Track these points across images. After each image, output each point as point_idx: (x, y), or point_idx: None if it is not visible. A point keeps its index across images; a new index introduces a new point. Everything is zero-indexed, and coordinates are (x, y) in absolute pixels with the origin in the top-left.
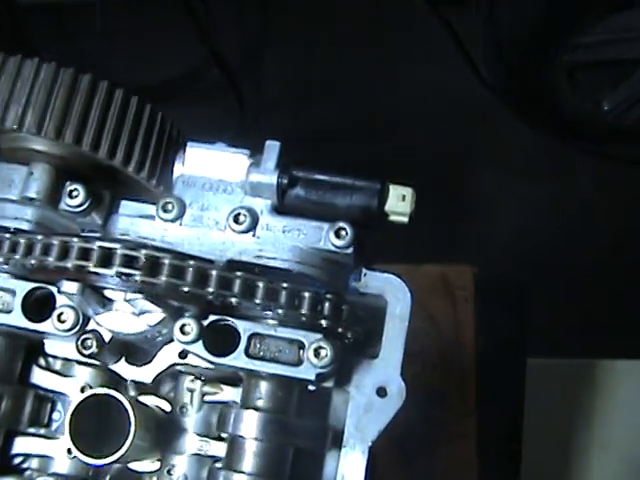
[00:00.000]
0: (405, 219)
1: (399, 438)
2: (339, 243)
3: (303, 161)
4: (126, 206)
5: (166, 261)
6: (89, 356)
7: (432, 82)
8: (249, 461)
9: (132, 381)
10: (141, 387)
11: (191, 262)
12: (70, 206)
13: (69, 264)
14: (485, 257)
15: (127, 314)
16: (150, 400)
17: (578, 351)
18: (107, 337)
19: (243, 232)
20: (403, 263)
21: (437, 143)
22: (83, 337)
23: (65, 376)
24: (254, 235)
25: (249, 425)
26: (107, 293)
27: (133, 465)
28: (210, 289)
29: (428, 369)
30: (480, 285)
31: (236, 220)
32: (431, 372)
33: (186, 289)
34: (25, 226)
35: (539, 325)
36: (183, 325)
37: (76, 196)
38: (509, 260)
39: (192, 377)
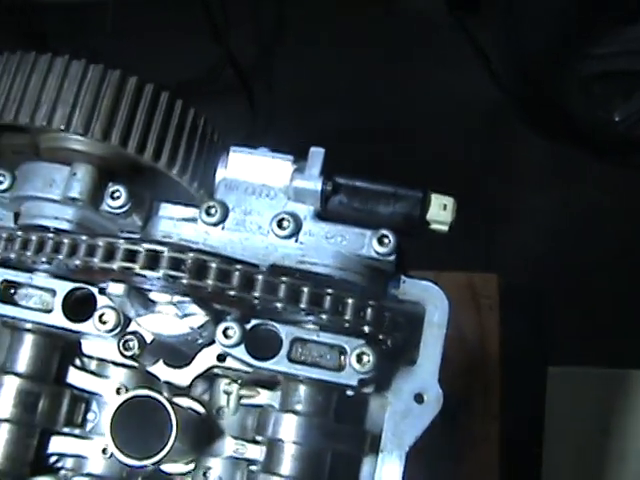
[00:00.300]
0: (445, 228)
1: (423, 441)
2: (382, 250)
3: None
4: (165, 208)
5: (213, 265)
6: (130, 357)
7: (447, 88)
8: (288, 465)
9: (165, 382)
10: (174, 388)
11: (237, 266)
12: (112, 207)
13: (115, 265)
14: (504, 265)
15: (170, 316)
16: (183, 402)
17: (599, 360)
18: (148, 339)
19: (286, 237)
20: (428, 269)
21: (451, 151)
22: (125, 338)
23: (100, 376)
24: (297, 240)
25: (288, 429)
26: (151, 295)
27: (166, 467)
28: (256, 293)
29: (452, 375)
30: (504, 294)
31: (280, 225)
32: (455, 378)
33: (232, 293)
34: (65, 226)
35: (559, 333)
36: (226, 328)
37: (118, 197)
38: (528, 268)
39: (228, 380)
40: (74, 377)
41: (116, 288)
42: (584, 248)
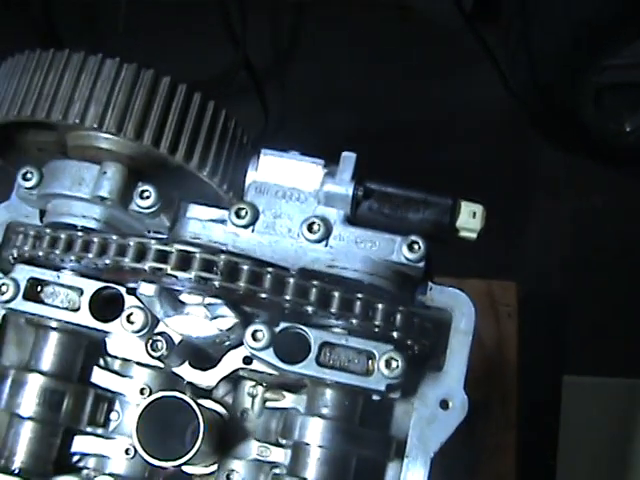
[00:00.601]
0: (474, 235)
1: (440, 450)
2: (411, 256)
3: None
4: (193, 209)
5: (245, 267)
6: (158, 358)
7: (458, 96)
8: (313, 468)
9: (188, 383)
10: (197, 390)
11: (269, 269)
12: (141, 207)
13: (146, 266)
14: (522, 273)
15: (199, 318)
16: (206, 403)
17: (616, 370)
18: (176, 340)
19: (316, 241)
20: (448, 276)
21: (465, 158)
22: (153, 339)
23: (123, 376)
24: (326, 245)
25: (314, 432)
26: (180, 296)
27: (188, 468)
28: (287, 297)
29: (470, 383)
30: (522, 302)
31: (310, 229)
32: (474, 385)
33: (264, 296)
34: (93, 225)
35: (576, 342)
36: (255, 331)
37: (147, 197)
38: (546, 277)
39: (253, 383)
40: (98, 376)
41: (147, 289)
42: (600, 257)
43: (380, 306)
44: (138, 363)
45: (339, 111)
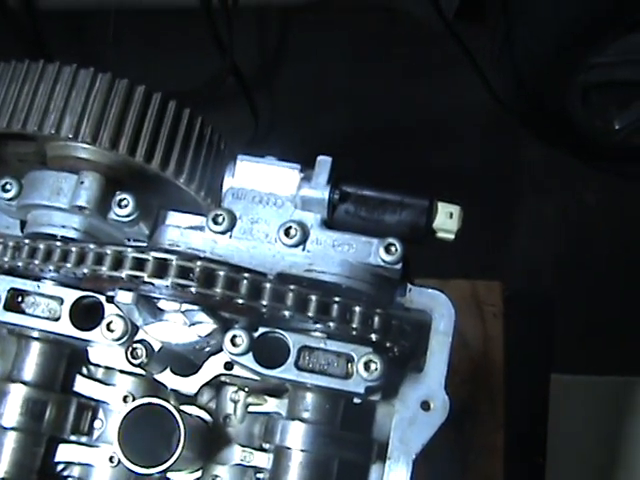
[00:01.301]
0: (452, 236)
1: (427, 450)
2: (389, 259)
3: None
4: (172, 217)
5: (221, 273)
6: (138, 366)
7: (445, 97)
8: (295, 472)
9: (172, 390)
10: (181, 397)
11: (246, 275)
12: (119, 216)
13: (123, 274)
14: (508, 273)
15: (178, 325)
16: (190, 410)
17: (603, 368)
18: (156, 347)
19: (293, 246)
20: (433, 277)
21: (452, 156)
22: (133, 347)
23: (107, 384)
24: (304, 249)
25: (295, 436)
26: (158, 303)
27: (171, 474)
28: (264, 302)
29: (457, 383)
30: (508, 302)
31: (287, 234)
32: (460, 386)
33: (241, 301)
34: (72, 234)
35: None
36: (234, 337)
37: (126, 206)
38: (532, 276)
39: (235, 388)
40: (81, 385)
41: (125, 297)
42: (587, 255)
43: (357, 309)
44: (121, 371)
45: (329, 114)
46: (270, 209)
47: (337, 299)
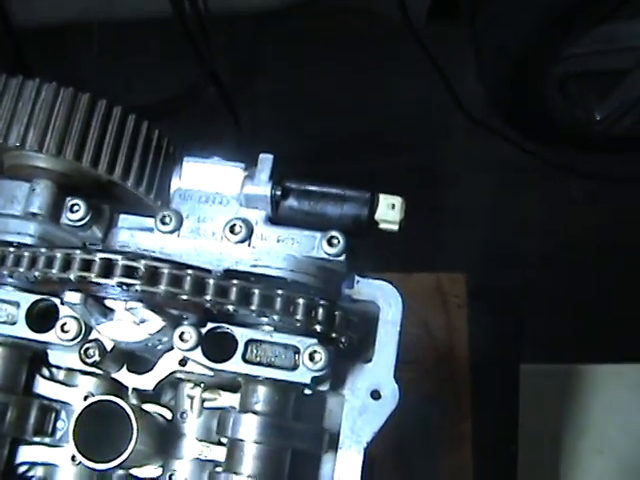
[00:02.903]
0: (395, 227)
1: (397, 442)
2: (332, 251)
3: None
4: (125, 220)
5: (165, 271)
6: (92, 364)
7: (420, 98)
8: (248, 463)
9: (134, 389)
10: (143, 396)
11: (189, 271)
12: (71, 220)
13: (72, 275)
14: (476, 265)
15: (128, 323)
16: (152, 408)
17: (570, 356)
18: (109, 346)
19: (239, 242)
20: (397, 272)
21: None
22: (86, 346)
23: (68, 386)
24: (249, 245)
25: (248, 428)
26: (109, 303)
27: (136, 472)
28: (208, 297)
29: (423, 375)
30: (474, 293)
31: (232, 231)
32: (426, 377)
33: (184, 297)
34: (28, 240)
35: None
36: (182, 333)
37: (77, 210)
38: (500, 268)
39: (192, 384)
40: (43, 387)
41: (72, 297)
42: (554, 247)
43: (300, 301)
44: (81, 372)
45: (311, 119)
46: (216, 208)
47: (279, 292)
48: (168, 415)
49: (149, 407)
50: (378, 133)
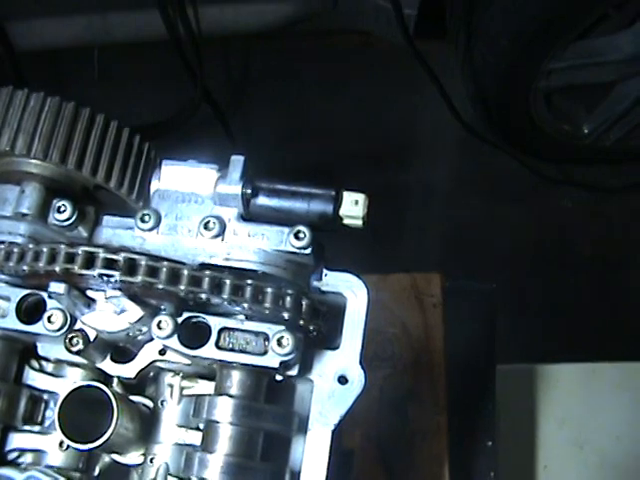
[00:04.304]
0: (359, 222)
1: (375, 436)
2: (298, 244)
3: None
4: (109, 220)
5: (142, 262)
6: (76, 353)
7: (415, 114)
8: (223, 443)
9: (119, 381)
10: (128, 387)
11: (165, 263)
12: (58, 220)
13: (57, 267)
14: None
15: (109, 313)
16: (136, 399)
17: (546, 356)
18: (92, 335)
19: (213, 238)
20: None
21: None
22: (70, 335)
23: (57, 377)
24: (223, 240)
25: (222, 410)
26: (92, 294)
27: (121, 459)
28: (182, 287)
29: (400, 371)
30: (450, 293)
31: (206, 227)
32: (403, 373)
33: (160, 286)
34: (19, 240)
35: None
36: (160, 321)
37: (63, 211)
38: (477, 269)
39: (172, 374)
40: (33, 378)
41: (57, 287)
42: (531, 248)
43: (269, 290)
44: (67, 362)
45: (307, 136)
46: (192, 206)
47: (249, 281)
48: (150, 405)
49: (133, 397)
50: (374, 149)
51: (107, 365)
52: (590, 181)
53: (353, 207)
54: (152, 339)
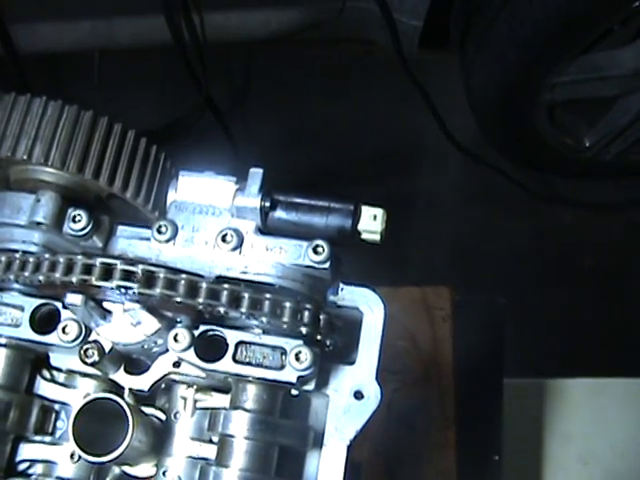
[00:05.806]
0: (377, 237)
1: (383, 449)
2: (317, 259)
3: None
4: (124, 230)
5: (160, 275)
6: (91, 365)
7: (413, 128)
8: (238, 458)
9: (131, 392)
10: (139, 398)
11: (183, 276)
12: (73, 230)
13: (74, 278)
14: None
15: (126, 325)
16: (147, 410)
17: (553, 372)
18: (107, 347)
19: (230, 250)
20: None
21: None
22: (85, 347)
23: (69, 387)
24: (240, 253)
25: (238, 425)
26: (108, 306)
27: (132, 470)
28: (200, 300)
29: (409, 384)
30: (459, 307)
31: (224, 240)
32: (412, 387)
33: (178, 300)
34: (33, 249)
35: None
36: (176, 334)
37: (79, 220)
38: (487, 283)
39: (185, 386)
40: (44, 388)
41: (74, 298)
42: (539, 262)
43: (287, 304)
44: (80, 373)
45: (306, 145)
46: (209, 218)
47: (267, 296)
48: (162, 417)
49: (145, 409)
50: (376, 158)
51: (120, 376)
52: (591, 196)
53: (371, 222)
54: (167, 351)
